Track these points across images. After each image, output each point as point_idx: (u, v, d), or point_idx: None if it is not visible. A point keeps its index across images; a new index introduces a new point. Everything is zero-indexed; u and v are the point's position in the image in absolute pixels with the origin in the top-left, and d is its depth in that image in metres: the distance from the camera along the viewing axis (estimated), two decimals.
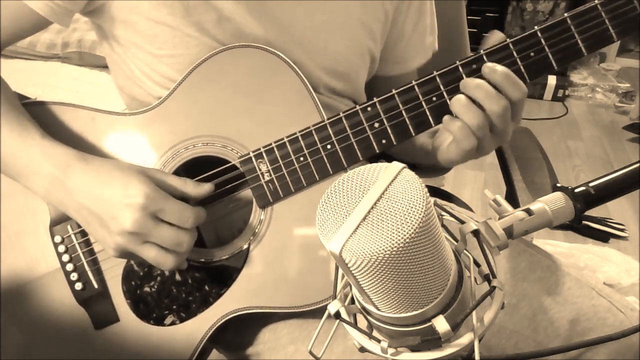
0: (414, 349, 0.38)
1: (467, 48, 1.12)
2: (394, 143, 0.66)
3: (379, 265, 0.33)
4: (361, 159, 0.66)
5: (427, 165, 0.88)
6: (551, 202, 0.44)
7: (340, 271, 0.41)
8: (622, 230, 2.04)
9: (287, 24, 0.70)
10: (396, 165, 0.36)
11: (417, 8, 0.80)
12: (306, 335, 0.70)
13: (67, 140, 0.66)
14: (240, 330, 0.74)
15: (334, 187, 0.36)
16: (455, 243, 0.41)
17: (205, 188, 0.65)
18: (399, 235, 0.32)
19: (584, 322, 0.69)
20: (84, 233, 0.69)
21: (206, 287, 0.68)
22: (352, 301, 0.41)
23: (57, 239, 0.69)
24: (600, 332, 0.68)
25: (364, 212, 0.33)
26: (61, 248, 0.69)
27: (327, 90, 0.74)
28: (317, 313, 0.67)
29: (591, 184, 0.45)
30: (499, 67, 0.61)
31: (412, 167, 0.84)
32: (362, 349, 0.40)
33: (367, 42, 0.76)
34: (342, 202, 0.35)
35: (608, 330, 0.68)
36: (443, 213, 0.41)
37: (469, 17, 1.14)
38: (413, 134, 0.65)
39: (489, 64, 0.62)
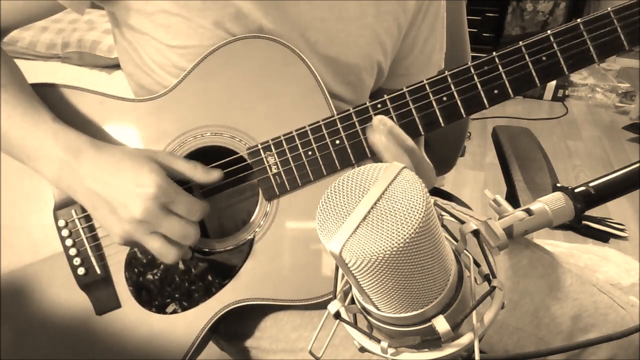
0: (414, 349, 0.38)
1: (468, 48, 1.12)
2: None
3: (379, 265, 0.33)
4: (369, 155, 0.66)
5: None
6: (551, 202, 0.44)
7: (340, 271, 0.41)
8: (622, 230, 2.04)
9: (303, 29, 0.69)
10: (396, 165, 0.36)
11: (430, 24, 0.79)
12: (308, 322, 0.70)
13: (75, 123, 0.66)
14: (242, 319, 0.74)
15: (334, 187, 0.36)
16: (455, 243, 0.41)
17: (215, 175, 0.65)
18: (399, 235, 0.32)
19: (585, 319, 0.69)
20: (88, 218, 0.69)
21: (209, 277, 0.68)
22: (352, 301, 0.41)
23: (61, 222, 0.69)
24: (601, 328, 0.68)
25: (364, 212, 0.33)
26: (65, 232, 0.69)
27: (332, 97, 0.74)
28: (319, 304, 0.67)
29: (591, 184, 0.45)
30: (387, 122, 0.63)
31: None
32: (362, 349, 0.40)
33: (377, 55, 0.75)
34: (342, 202, 0.35)
35: (609, 326, 0.68)
36: (443, 213, 0.41)
37: (469, 17, 1.14)
38: (422, 133, 0.65)
39: (378, 117, 0.63)
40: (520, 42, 0.62)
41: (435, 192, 1.20)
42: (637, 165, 0.45)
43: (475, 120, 2.86)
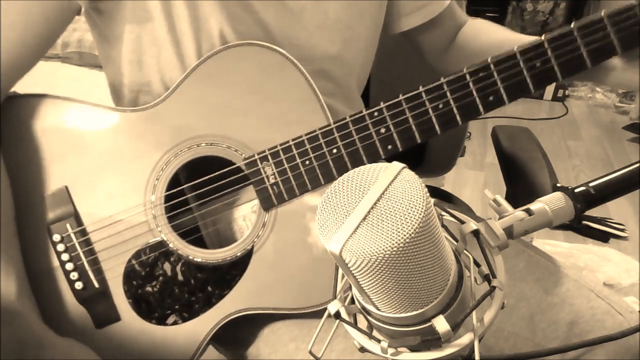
0: (414, 349, 0.38)
1: None
2: (400, 149, 0.66)
3: (379, 265, 0.33)
4: (366, 164, 0.66)
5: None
6: (551, 202, 0.44)
7: (341, 271, 0.41)
8: (622, 230, 2.04)
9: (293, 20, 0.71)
10: (396, 165, 0.36)
11: None
12: (306, 333, 0.70)
13: (66, 135, 0.65)
14: (240, 328, 0.74)
15: (334, 187, 0.36)
16: (455, 243, 0.41)
17: None
18: (399, 235, 0.32)
19: (582, 324, 0.69)
20: (83, 232, 0.68)
21: (209, 288, 0.68)
22: (352, 301, 0.41)
23: (56, 237, 0.68)
24: (598, 335, 0.68)
25: (364, 212, 0.33)
26: (60, 247, 0.68)
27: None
28: (318, 313, 0.67)
29: (591, 184, 0.45)
30: None
31: (413, 167, 0.84)
32: (362, 349, 0.39)
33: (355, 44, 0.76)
34: (342, 202, 0.35)
35: (606, 333, 0.67)
36: (443, 213, 0.41)
37: None
38: (419, 141, 0.66)
39: None
40: (515, 48, 0.63)
41: (435, 192, 1.20)
42: (637, 165, 0.46)
43: (475, 120, 2.86)
